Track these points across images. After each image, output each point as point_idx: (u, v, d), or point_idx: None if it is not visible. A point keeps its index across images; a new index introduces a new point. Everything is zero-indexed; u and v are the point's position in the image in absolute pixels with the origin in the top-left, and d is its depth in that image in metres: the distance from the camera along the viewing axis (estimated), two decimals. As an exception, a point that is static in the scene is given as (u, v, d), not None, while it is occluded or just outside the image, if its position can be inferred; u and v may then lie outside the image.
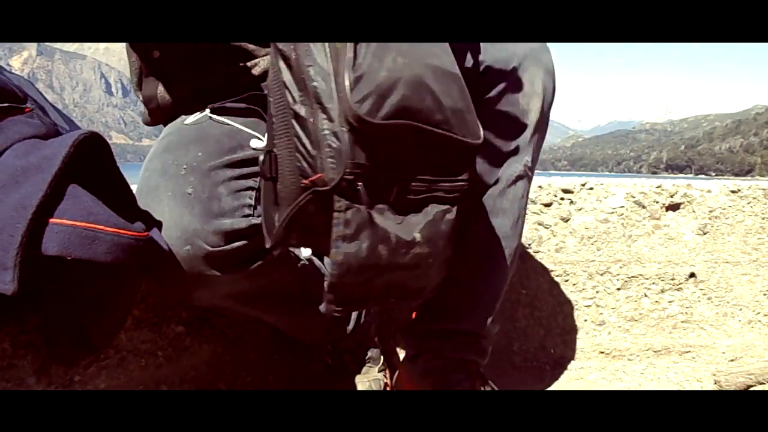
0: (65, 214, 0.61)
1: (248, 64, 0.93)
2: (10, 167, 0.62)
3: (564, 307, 1.39)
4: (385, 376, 1.13)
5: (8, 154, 0.64)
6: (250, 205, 0.79)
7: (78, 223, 0.61)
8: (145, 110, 0.97)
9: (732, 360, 1.35)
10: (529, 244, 1.37)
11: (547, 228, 1.37)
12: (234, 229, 0.76)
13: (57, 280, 0.66)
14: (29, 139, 0.67)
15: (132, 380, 0.93)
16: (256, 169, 0.81)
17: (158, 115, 0.96)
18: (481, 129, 0.69)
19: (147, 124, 1.00)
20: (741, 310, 1.37)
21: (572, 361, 1.34)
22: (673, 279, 1.35)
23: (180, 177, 0.77)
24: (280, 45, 0.64)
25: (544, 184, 1.39)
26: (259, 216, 0.78)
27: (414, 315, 0.99)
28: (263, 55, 0.91)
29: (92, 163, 0.67)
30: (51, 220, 0.60)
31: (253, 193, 0.80)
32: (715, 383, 1.25)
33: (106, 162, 0.70)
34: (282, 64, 0.63)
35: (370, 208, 0.62)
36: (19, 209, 0.57)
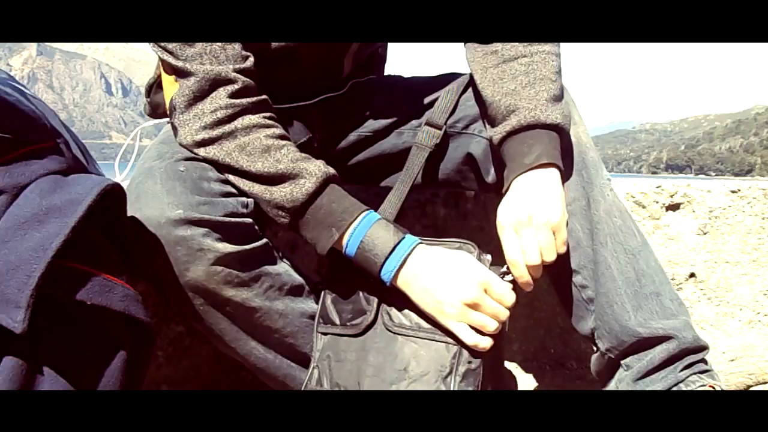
0: (84, 260, 0.63)
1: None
2: (35, 205, 0.63)
3: (564, 307, 1.39)
4: None
5: (32, 189, 0.65)
6: (235, 195, 0.82)
7: (96, 271, 0.64)
8: (148, 107, 1.04)
9: (732, 360, 1.34)
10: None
11: (547, 228, 1.37)
12: (223, 202, 0.79)
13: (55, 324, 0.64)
14: (52, 175, 0.68)
15: (132, 380, 0.93)
16: None
17: (160, 116, 1.02)
18: None
19: (149, 116, 1.07)
20: (741, 310, 1.37)
21: (572, 361, 1.34)
22: (673, 279, 1.35)
23: (173, 162, 0.81)
24: None
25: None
26: (243, 206, 0.82)
27: None
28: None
29: (108, 212, 0.69)
30: (73, 264, 0.62)
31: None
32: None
33: (120, 213, 0.72)
34: None
35: None
36: (39, 250, 0.58)
